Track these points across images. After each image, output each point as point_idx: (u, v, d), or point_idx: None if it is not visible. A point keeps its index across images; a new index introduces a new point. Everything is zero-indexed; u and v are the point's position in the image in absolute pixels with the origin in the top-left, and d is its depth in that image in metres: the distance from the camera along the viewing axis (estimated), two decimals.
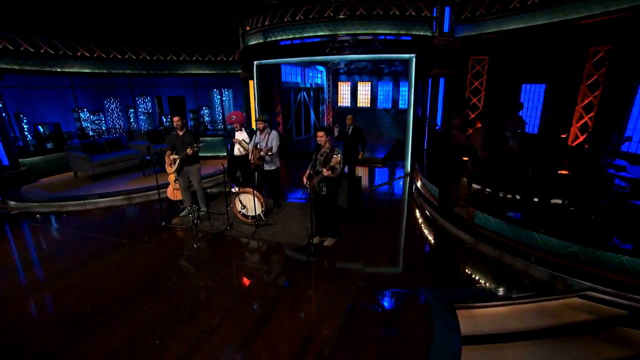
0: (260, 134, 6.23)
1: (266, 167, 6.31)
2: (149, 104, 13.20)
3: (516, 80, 8.17)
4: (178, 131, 6.08)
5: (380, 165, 10.65)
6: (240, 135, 6.62)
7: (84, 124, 11.27)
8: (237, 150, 6.64)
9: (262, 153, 5.94)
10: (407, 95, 15.37)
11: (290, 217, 6.37)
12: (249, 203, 6.07)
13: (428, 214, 6.50)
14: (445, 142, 7.13)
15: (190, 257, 5.07)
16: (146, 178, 8.66)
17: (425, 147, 9.21)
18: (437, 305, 3.72)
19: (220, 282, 4.40)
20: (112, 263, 4.91)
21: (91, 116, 11.49)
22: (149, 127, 12.93)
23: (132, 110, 12.81)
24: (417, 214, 6.63)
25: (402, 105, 15.91)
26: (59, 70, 9.63)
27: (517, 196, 5.77)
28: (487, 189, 6.14)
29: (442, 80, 8.63)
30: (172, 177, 6.93)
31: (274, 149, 6.10)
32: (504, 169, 5.57)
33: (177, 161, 6.08)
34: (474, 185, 6.47)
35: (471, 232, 5.26)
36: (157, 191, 6.78)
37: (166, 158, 6.16)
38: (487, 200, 5.95)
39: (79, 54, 10.12)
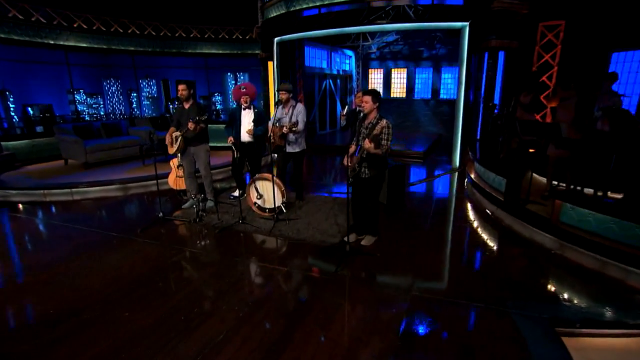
0: (283, 107, 5.65)
1: (289, 149, 5.68)
2: (154, 88, 12.86)
3: (603, 49, 7.24)
4: (184, 103, 5.56)
5: (421, 161, 9.99)
6: (247, 116, 5.88)
7: (80, 107, 10.99)
8: (245, 134, 5.88)
9: (285, 129, 5.29)
10: (450, 83, 15.05)
11: (317, 211, 5.73)
12: (267, 192, 5.43)
13: (489, 213, 5.72)
14: (510, 123, 6.31)
15: (191, 255, 4.45)
16: (146, 167, 8.28)
17: (478, 137, 8.41)
18: (531, 327, 2.91)
19: (227, 285, 3.72)
20: (96, 259, 4.34)
21: (88, 99, 11.21)
22: (154, 114, 12.54)
23: (135, 94, 12.49)
24: (474, 212, 5.89)
25: (444, 95, 15.16)
26: (51, 42, 9.38)
27: (609, 192, 4.87)
28: (571, 183, 5.27)
29: (501, 55, 7.83)
30: (174, 162, 6.51)
31: (300, 125, 5.45)
32: (598, 156, 4.71)
33: (179, 139, 5.50)
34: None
35: (556, 234, 4.41)
36: (156, 181, 6.36)
37: (167, 136, 5.64)
38: (575, 193, 5.08)
39: (75, 25, 9.91)
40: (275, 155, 5.85)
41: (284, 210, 5.41)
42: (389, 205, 5.85)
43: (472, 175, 6.88)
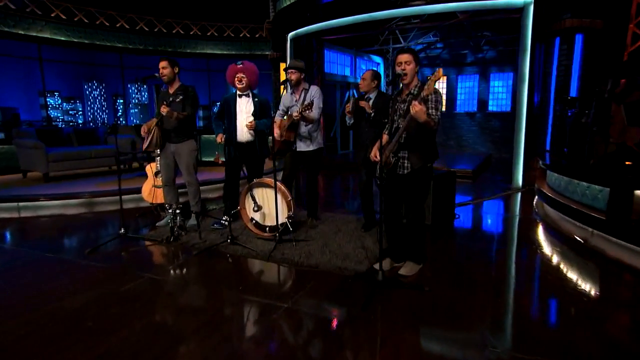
0: (293, 92, 4.96)
1: (301, 146, 4.91)
2: (145, 94, 12.52)
3: None
4: (168, 87, 4.98)
5: (471, 181, 9.12)
6: (245, 105, 5.06)
7: (53, 112, 10.71)
8: (243, 131, 5.02)
9: (295, 115, 4.48)
10: (501, 93, 14.32)
11: (337, 232, 4.90)
12: (268, 203, 4.57)
13: (578, 238, 4.68)
14: (603, 119, 5.37)
15: (150, 283, 3.56)
16: (122, 182, 7.55)
17: (548, 147, 7.48)
18: None
19: (196, 325, 2.77)
20: (17, 289, 3.47)
21: (64, 104, 10.89)
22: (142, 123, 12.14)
23: (121, 100, 12.09)
24: (553, 238, 4.97)
25: (493, 107, 14.41)
26: (21, 32, 9.04)
27: None
28: None
29: (579, 39, 7.00)
30: (152, 168, 5.96)
31: (316, 112, 4.68)
32: None
33: (154, 130, 4.79)
34: None
35: None
36: (132, 196, 6.35)
37: (143, 127, 5.02)
38: None
39: (53, 15, 9.61)
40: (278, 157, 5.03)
41: (290, 228, 4.48)
42: (435, 225, 5.02)
43: (545, 191, 5.92)
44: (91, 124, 11.22)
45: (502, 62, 13.87)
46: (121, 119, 11.97)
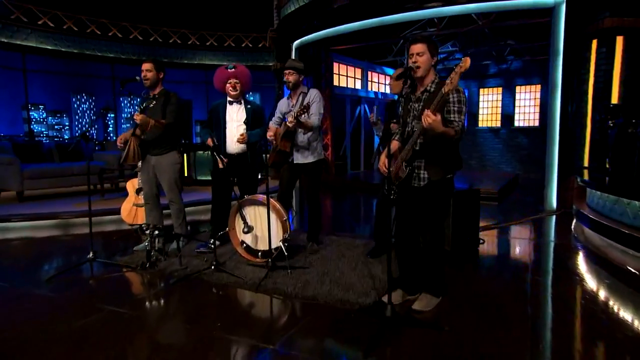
0: (289, 97, 4.74)
1: (298, 159, 4.63)
2: (137, 108, 12.42)
3: None
4: (150, 91, 4.85)
5: (496, 202, 8.82)
6: (236, 113, 4.82)
7: (38, 127, 10.58)
8: (234, 142, 4.75)
9: (289, 121, 4.15)
10: (528, 106, 14.22)
11: (340, 258, 4.56)
12: (261, 224, 4.27)
13: (635, 271, 4.26)
14: None
15: (113, 318, 3.18)
16: (106, 202, 7.65)
17: (586, 162, 7.12)
18: None
19: None
20: None
21: (50, 118, 10.73)
22: None
23: (112, 114, 11.99)
24: (599, 268, 4.55)
25: (520, 122, 14.29)
26: (4, 40, 9.04)
27: None
28: None
29: (620, 41, 6.80)
30: (133, 184, 5.76)
31: (315, 118, 4.45)
32: None
33: (130, 140, 4.58)
34: None
35: None
36: (114, 217, 6.28)
37: (119, 138, 4.81)
38: None
39: (40, 22, 9.61)
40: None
41: (285, 253, 4.11)
42: (456, 251, 4.67)
43: (586, 213, 5.54)
44: (79, 139, 11.05)
45: (529, 72, 13.70)
46: (112, 135, 11.81)
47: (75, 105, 11.25)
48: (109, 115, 12.08)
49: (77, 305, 3.41)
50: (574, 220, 6.41)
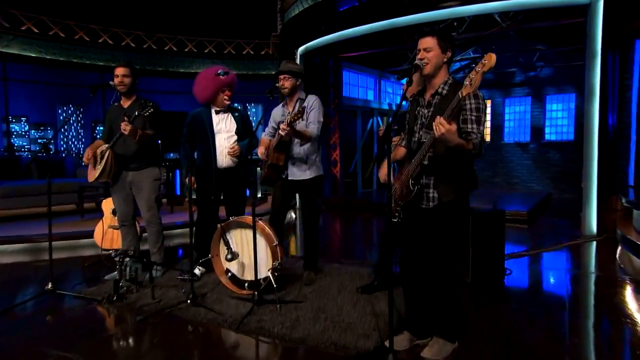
0: (285, 104, 4.63)
1: (294, 175, 4.46)
2: None
3: None
4: (122, 100, 4.78)
5: (526, 225, 8.74)
6: (225, 123, 4.80)
7: (18, 141, 10.52)
8: (224, 156, 4.72)
9: (282, 128, 3.96)
10: (560, 118, 14.07)
11: (340, 291, 4.34)
12: (248, 250, 4.04)
13: None
14: None
15: None
16: (85, 222, 7.69)
17: (631, 181, 6.90)
18: None
19: None
20: None
21: (33, 131, 10.70)
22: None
23: (102, 127, 11.96)
24: None
25: (551, 135, 14.06)
26: None
27: None
28: None
29: None
30: (108, 204, 5.65)
31: (313, 127, 4.31)
32: None
33: (107, 154, 4.52)
34: None
35: None
36: (90, 239, 5.93)
37: (87, 151, 4.72)
38: None
39: (23, 28, 9.68)
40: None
41: (274, 285, 3.81)
42: (477, 283, 4.54)
43: (634, 239, 5.26)
44: (63, 154, 11.03)
45: (561, 80, 13.48)
46: None
47: (61, 117, 11.25)
48: (97, 128, 12.05)
49: (17, 352, 3.13)
50: (619, 247, 6.25)
